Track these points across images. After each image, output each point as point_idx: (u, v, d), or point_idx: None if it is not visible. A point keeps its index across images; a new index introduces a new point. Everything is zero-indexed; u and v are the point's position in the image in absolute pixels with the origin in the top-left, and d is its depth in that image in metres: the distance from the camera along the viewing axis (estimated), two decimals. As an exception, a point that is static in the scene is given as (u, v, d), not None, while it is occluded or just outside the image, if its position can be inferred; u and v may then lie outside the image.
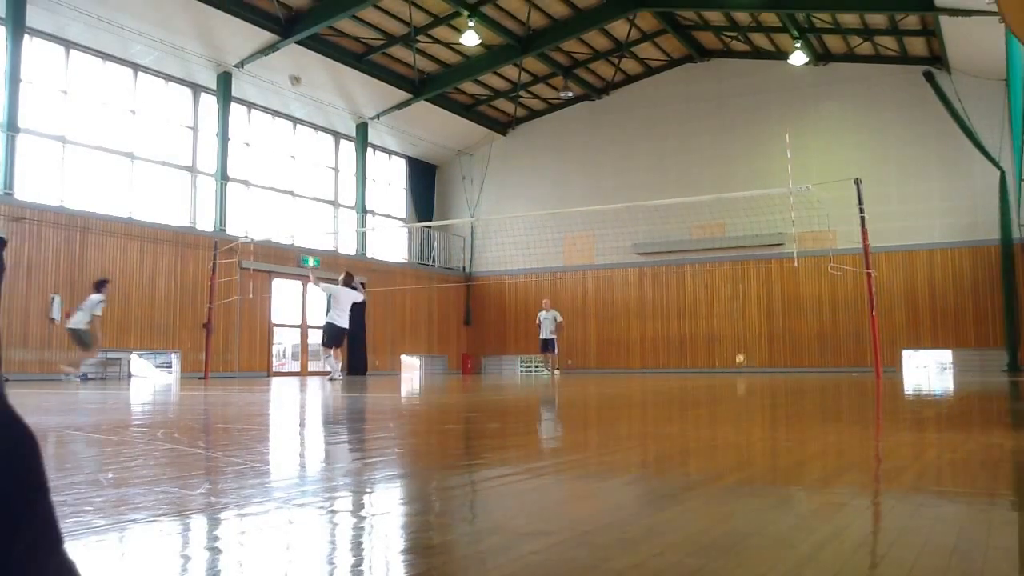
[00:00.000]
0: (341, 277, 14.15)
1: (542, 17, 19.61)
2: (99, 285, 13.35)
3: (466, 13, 18.11)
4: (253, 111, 19.89)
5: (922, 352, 20.00)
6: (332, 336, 13.73)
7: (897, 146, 20.07)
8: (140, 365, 17.77)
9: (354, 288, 13.99)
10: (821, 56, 20.72)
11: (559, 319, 19.01)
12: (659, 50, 22.26)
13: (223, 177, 18.24)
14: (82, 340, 13.18)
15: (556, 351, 19.26)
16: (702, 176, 21.43)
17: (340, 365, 13.93)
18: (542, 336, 18.92)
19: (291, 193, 20.71)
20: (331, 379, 13.48)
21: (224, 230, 18.06)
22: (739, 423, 4.50)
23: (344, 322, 13.69)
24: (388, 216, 23.99)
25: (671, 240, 21.63)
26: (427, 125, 23.02)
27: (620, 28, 20.60)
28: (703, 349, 21.71)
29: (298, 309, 20.33)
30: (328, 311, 13.80)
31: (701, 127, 22.24)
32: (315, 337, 21.10)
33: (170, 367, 17.92)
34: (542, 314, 19.06)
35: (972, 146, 18.81)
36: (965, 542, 1.44)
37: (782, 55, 20.74)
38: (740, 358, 19.15)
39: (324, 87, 20.29)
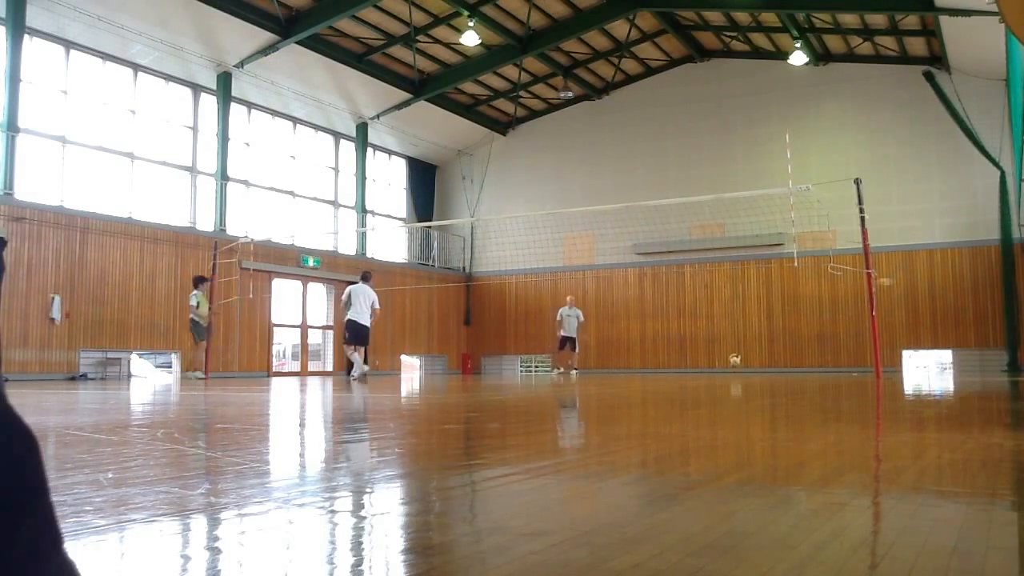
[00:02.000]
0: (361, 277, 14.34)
1: (542, 17, 19.62)
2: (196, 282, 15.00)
3: (466, 13, 18.12)
4: (253, 111, 19.90)
5: (922, 352, 20.01)
6: (355, 333, 13.87)
7: (897, 146, 20.07)
8: (140, 365, 17.77)
9: (369, 286, 14.14)
10: (821, 56, 20.73)
11: (581, 318, 18.82)
12: (659, 50, 22.26)
13: (223, 177, 18.24)
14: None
15: (577, 350, 19.01)
16: (702, 176, 21.44)
17: (362, 361, 14.06)
18: (564, 333, 18.59)
19: (291, 193, 20.72)
20: (353, 378, 13.65)
21: (224, 230, 18.07)
22: (739, 423, 4.50)
23: (365, 319, 13.84)
24: (388, 216, 23.99)
25: (671, 240, 21.63)
26: (427, 125, 23.03)
27: (620, 28, 20.60)
28: (703, 349, 21.71)
29: (298, 309, 20.33)
30: (348, 310, 13.93)
31: (701, 127, 22.24)
32: (315, 337, 21.14)
33: (170, 367, 17.93)
34: (564, 310, 18.72)
35: (972, 146, 18.81)
36: (965, 542, 1.44)
37: (782, 55, 20.75)
38: (735, 359, 19.04)
39: (324, 87, 20.30)
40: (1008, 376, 13.65)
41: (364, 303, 13.78)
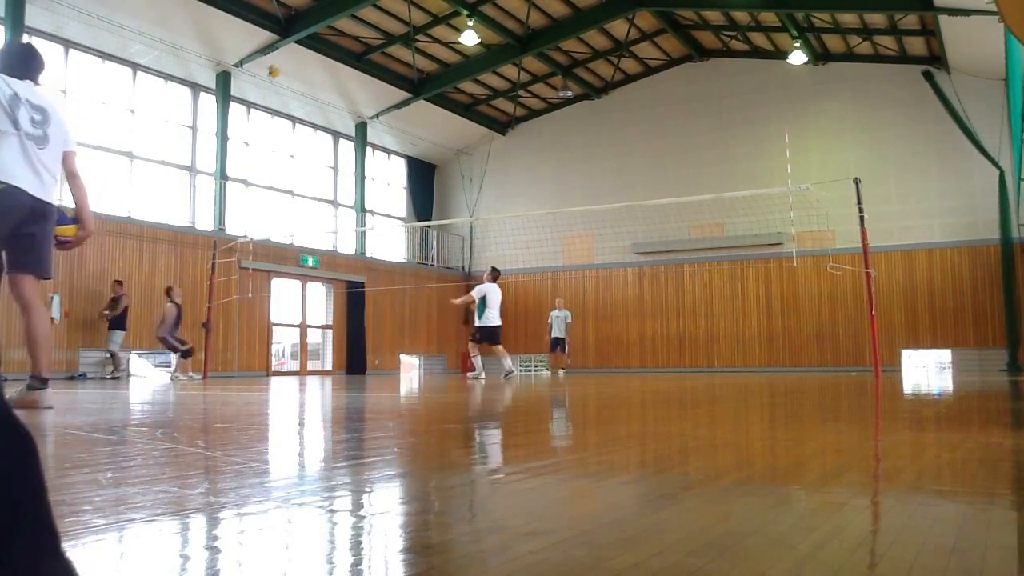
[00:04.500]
0: (487, 274, 14.36)
1: (541, 16, 19.62)
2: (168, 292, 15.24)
3: (465, 12, 18.12)
4: (252, 110, 19.90)
5: (921, 351, 20.01)
6: (488, 336, 13.98)
7: (896, 146, 20.08)
8: (139, 365, 17.75)
9: (496, 282, 14.31)
10: (820, 56, 20.74)
11: (569, 320, 19.36)
12: (658, 50, 22.26)
13: (222, 176, 18.24)
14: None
15: (568, 350, 19.53)
16: (701, 176, 21.44)
17: (509, 361, 14.16)
18: (553, 335, 19.20)
19: (290, 192, 20.71)
20: (507, 375, 13.70)
21: (223, 229, 18.06)
22: (738, 422, 4.50)
23: (497, 319, 14.06)
24: (387, 216, 23.99)
25: (670, 240, 21.64)
26: (426, 124, 23.03)
27: (619, 28, 20.60)
28: (702, 349, 21.72)
29: (297, 309, 20.32)
30: (480, 314, 13.92)
31: (700, 127, 22.24)
32: (314, 337, 21.13)
33: (169, 367, 17.90)
34: (554, 313, 19.29)
35: (971, 146, 18.82)
36: (964, 542, 1.44)
37: (781, 55, 20.75)
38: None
39: (323, 86, 20.29)
40: (1007, 376, 13.66)
41: (498, 303, 14.05)
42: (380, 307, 21.65)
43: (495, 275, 14.35)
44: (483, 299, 13.91)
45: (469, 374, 13.96)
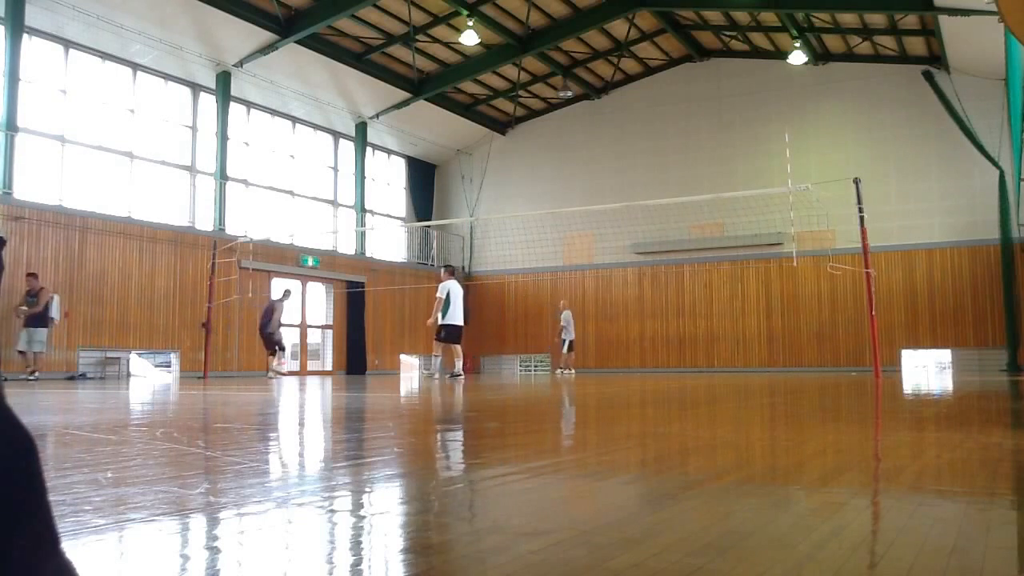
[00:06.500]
0: (444, 271, 14.37)
1: (541, 16, 19.61)
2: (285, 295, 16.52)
3: (465, 12, 18.12)
4: (252, 110, 19.89)
5: (921, 351, 20.01)
6: (454, 335, 14.09)
7: (896, 146, 20.08)
8: (139, 364, 17.75)
9: (457, 279, 14.29)
10: (820, 56, 20.73)
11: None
12: (658, 50, 22.26)
13: (222, 176, 18.24)
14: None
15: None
16: (701, 176, 21.45)
17: (460, 363, 14.27)
18: (571, 337, 19.70)
19: (290, 192, 20.71)
20: (453, 375, 13.94)
21: (223, 229, 18.06)
22: (738, 422, 4.50)
23: (461, 318, 14.06)
24: (387, 215, 23.99)
25: (670, 240, 21.64)
26: (426, 124, 23.02)
27: (619, 28, 20.60)
28: (702, 349, 21.72)
29: (297, 309, 20.32)
30: (445, 312, 13.90)
31: (700, 127, 22.24)
32: (314, 337, 21.13)
33: (169, 366, 17.92)
34: (568, 314, 19.86)
35: (971, 146, 18.82)
36: (964, 542, 1.44)
37: (781, 55, 20.75)
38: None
39: (323, 86, 20.29)
40: (1007, 376, 13.66)
41: (460, 301, 14.04)
42: (380, 307, 21.65)
43: (452, 270, 14.44)
44: (448, 296, 13.95)
45: (458, 375, 14.02)
